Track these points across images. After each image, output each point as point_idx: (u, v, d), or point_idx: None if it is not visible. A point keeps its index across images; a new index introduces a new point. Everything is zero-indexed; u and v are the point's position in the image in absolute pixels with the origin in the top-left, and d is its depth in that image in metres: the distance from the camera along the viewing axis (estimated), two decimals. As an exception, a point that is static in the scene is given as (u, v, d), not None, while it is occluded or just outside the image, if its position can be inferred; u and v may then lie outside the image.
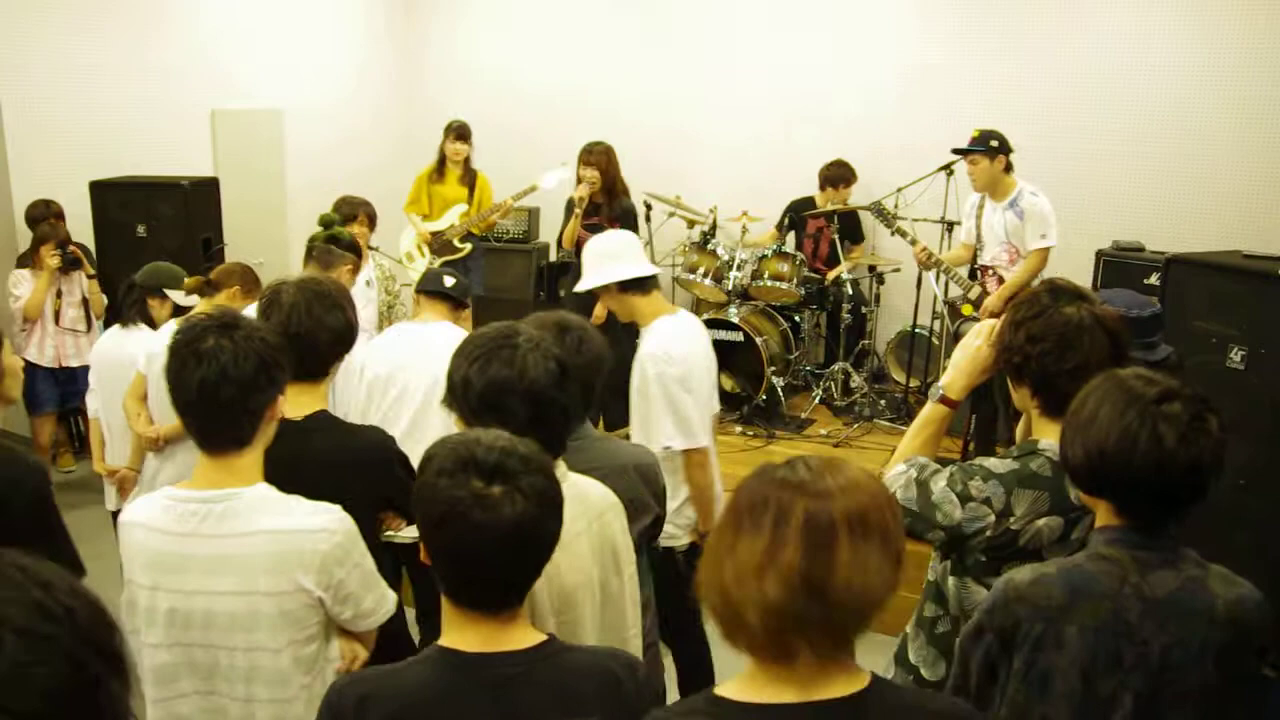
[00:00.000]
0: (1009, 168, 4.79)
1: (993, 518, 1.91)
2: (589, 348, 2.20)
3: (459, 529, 1.40)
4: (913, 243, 5.02)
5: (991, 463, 1.99)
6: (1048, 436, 1.96)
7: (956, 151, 4.89)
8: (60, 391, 5.27)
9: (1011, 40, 6.23)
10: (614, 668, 1.56)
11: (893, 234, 5.20)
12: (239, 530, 1.81)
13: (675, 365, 2.90)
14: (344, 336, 2.35)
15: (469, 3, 8.09)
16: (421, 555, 1.49)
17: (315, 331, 2.26)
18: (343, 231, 3.91)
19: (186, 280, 3.77)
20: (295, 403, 2.15)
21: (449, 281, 3.39)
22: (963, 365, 2.13)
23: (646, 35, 7.38)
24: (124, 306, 3.77)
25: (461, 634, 1.49)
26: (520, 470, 1.43)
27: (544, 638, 1.53)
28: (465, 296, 3.45)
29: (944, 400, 2.14)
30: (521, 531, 1.41)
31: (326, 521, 1.86)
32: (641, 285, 2.96)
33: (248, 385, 1.81)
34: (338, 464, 2.21)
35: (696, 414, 2.96)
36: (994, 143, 4.72)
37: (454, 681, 1.46)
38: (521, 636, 1.51)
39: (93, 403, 3.83)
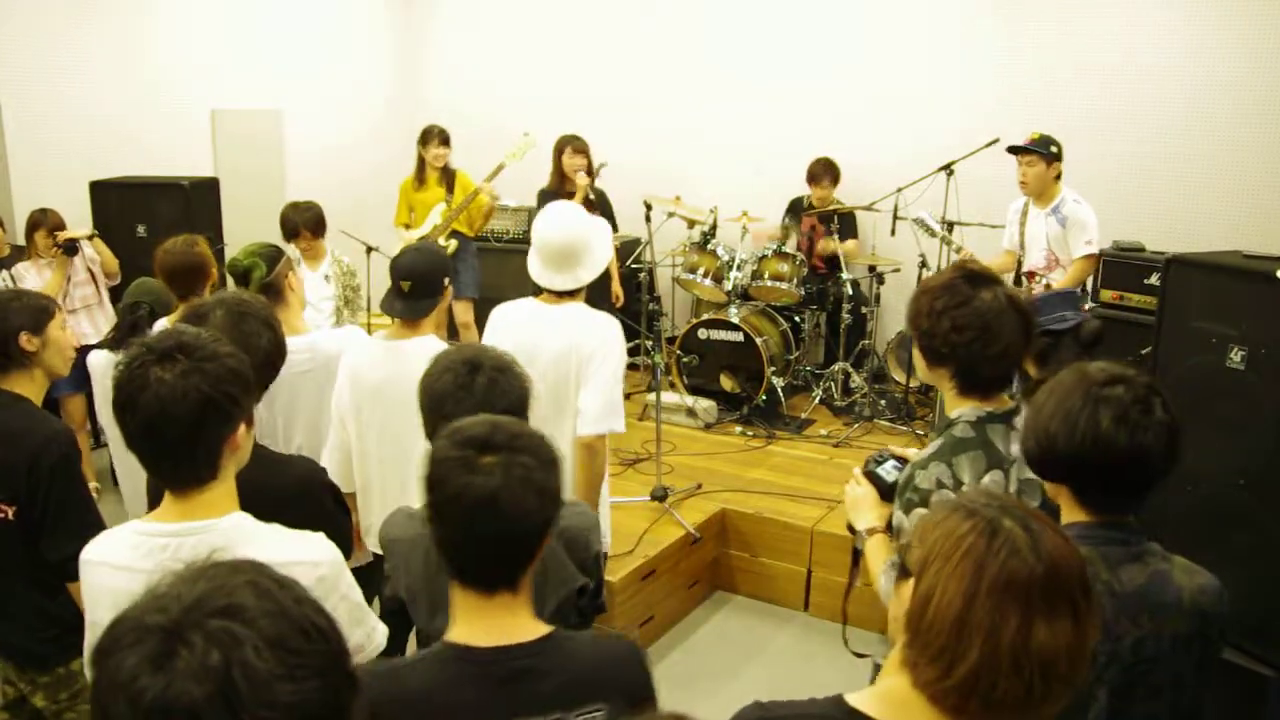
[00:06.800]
0: (1059, 176, 4.77)
1: (953, 493, 1.92)
2: (507, 390, 1.98)
3: (446, 492, 1.44)
4: (958, 250, 5.05)
5: (918, 458, 2.03)
6: (961, 408, 2.04)
7: (1012, 150, 4.81)
8: (80, 371, 5.20)
9: (1014, 42, 6.23)
10: (620, 654, 1.58)
11: (954, 249, 5.18)
12: None
13: None
14: (271, 358, 2.28)
15: (468, 2, 8.09)
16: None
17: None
18: (244, 265, 3.34)
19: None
20: None
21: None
22: (861, 508, 2.15)
23: (647, 35, 7.38)
24: (125, 329, 3.36)
25: (470, 625, 1.49)
26: (507, 445, 1.46)
27: (550, 629, 1.52)
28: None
29: (872, 532, 2.13)
30: (498, 501, 1.42)
31: (310, 552, 1.73)
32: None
33: (192, 425, 1.62)
34: (262, 498, 2.00)
35: None
36: (1053, 148, 4.71)
37: (464, 679, 1.45)
38: (528, 628, 1.50)
39: (104, 418, 3.70)
